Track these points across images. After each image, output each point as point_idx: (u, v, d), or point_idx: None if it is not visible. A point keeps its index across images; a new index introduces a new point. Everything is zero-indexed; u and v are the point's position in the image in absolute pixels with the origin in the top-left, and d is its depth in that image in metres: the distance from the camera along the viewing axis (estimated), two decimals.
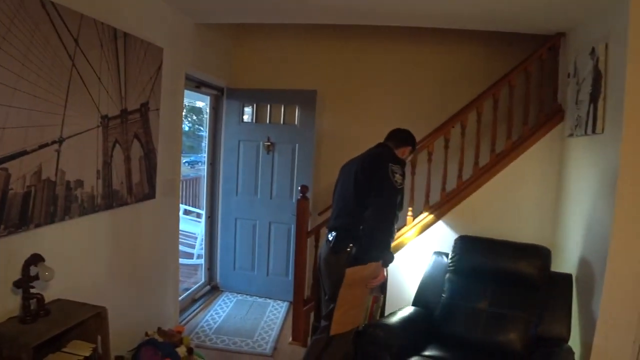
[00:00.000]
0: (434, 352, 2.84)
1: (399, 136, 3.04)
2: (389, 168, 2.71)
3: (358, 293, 2.75)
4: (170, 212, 3.67)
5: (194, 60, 3.92)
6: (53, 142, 2.24)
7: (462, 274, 3.24)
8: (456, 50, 4.47)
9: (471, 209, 3.64)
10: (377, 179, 2.71)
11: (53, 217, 2.29)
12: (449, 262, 3.34)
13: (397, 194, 2.69)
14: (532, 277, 3.04)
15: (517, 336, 2.86)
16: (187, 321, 4.11)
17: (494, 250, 3.23)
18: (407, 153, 3.04)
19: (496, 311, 2.98)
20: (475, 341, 2.92)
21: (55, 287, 2.30)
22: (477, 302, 3.07)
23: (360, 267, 2.69)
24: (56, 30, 2.19)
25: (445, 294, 3.21)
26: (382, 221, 2.68)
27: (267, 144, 4.68)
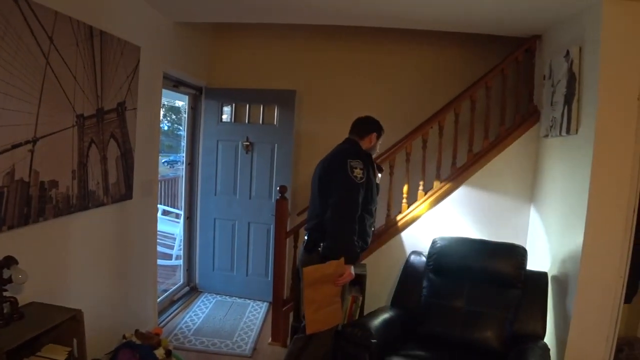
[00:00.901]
0: (413, 351, 2.87)
1: (360, 126, 3.02)
2: (348, 164, 2.70)
3: (327, 291, 2.71)
4: (147, 212, 3.63)
5: (172, 59, 3.88)
6: (26, 142, 2.20)
7: (440, 273, 3.28)
8: (435, 51, 4.52)
9: (449, 209, 3.69)
10: (337, 177, 2.72)
11: (27, 219, 2.24)
12: (427, 261, 3.38)
13: (357, 189, 2.68)
14: (509, 275, 3.09)
15: (494, 334, 2.91)
16: (166, 323, 4.07)
17: (471, 249, 3.28)
18: (374, 140, 3.00)
19: (473, 309, 3.03)
20: (453, 339, 2.96)
21: (29, 290, 2.25)
22: (454, 300, 3.11)
23: (317, 266, 2.68)
24: (30, 27, 2.14)
25: (423, 293, 3.25)
26: (341, 219, 2.66)
27: (245, 144, 4.66)
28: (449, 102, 3.96)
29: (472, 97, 3.73)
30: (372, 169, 2.93)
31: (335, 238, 2.68)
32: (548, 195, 3.36)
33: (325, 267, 2.66)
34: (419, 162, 3.83)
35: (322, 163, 2.91)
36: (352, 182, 2.66)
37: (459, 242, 3.37)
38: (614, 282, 2.75)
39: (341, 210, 2.67)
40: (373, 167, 2.97)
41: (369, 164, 2.88)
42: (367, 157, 2.91)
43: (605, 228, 2.73)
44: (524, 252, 3.17)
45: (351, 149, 2.89)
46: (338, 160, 2.78)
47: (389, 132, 4.24)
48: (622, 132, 2.68)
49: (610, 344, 2.79)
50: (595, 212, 2.72)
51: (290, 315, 3.75)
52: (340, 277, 2.70)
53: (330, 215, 2.68)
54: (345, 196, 2.67)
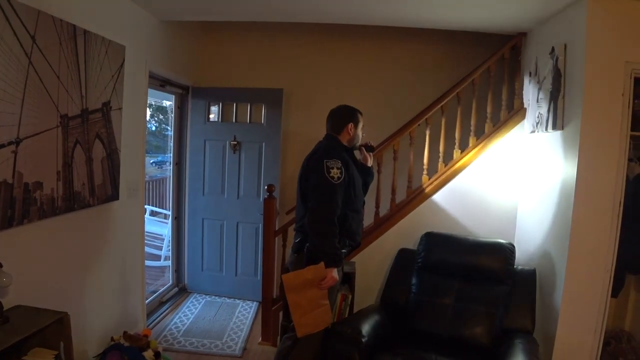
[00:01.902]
0: (403, 348, 2.88)
1: (334, 121, 2.92)
2: (324, 165, 2.61)
3: (311, 295, 2.62)
4: (134, 213, 3.60)
5: (158, 59, 3.85)
6: (9, 143, 2.16)
7: (429, 270, 3.30)
8: (422, 49, 4.54)
9: (436, 205, 3.71)
10: (313, 179, 2.66)
11: (11, 221, 2.21)
12: (416, 258, 3.39)
13: (334, 190, 2.59)
14: (497, 272, 3.11)
15: (483, 330, 2.93)
16: (155, 324, 4.04)
17: (460, 246, 3.30)
18: (352, 130, 2.88)
19: (462, 306, 3.04)
20: (443, 336, 2.98)
21: (14, 293, 2.22)
22: (443, 297, 3.12)
23: (296, 272, 2.63)
24: (11, 26, 2.11)
25: (412, 290, 3.26)
26: (318, 222, 2.59)
27: (233, 143, 4.64)
28: (437, 99, 3.97)
29: (459, 95, 3.76)
30: (355, 164, 2.87)
31: (314, 242, 2.61)
32: (535, 191, 3.39)
33: (305, 273, 2.60)
34: (407, 159, 3.84)
35: (303, 163, 2.85)
36: (328, 184, 2.58)
37: (447, 239, 3.39)
38: (601, 276, 2.78)
39: (318, 213, 2.60)
40: (355, 162, 2.90)
41: (350, 159, 2.81)
42: (348, 152, 2.85)
43: (591, 223, 2.76)
44: (512, 249, 3.20)
45: (328, 147, 2.79)
46: (314, 161, 2.70)
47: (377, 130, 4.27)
48: (607, 128, 2.71)
49: (597, 337, 2.82)
50: (582, 207, 2.75)
51: (280, 315, 3.74)
52: (322, 280, 2.61)
53: (309, 219, 2.62)
54: (321, 199, 2.60)
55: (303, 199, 2.76)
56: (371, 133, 4.32)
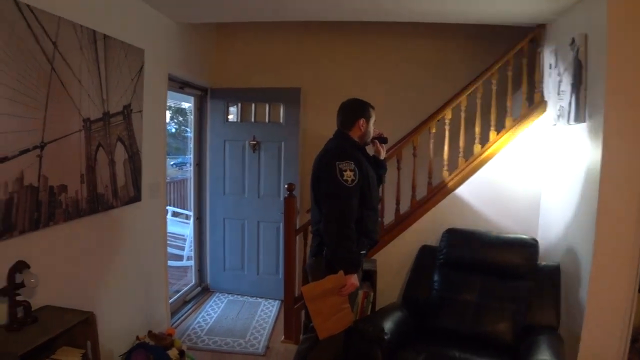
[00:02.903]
0: (425, 345, 2.86)
1: (344, 117, 2.78)
2: (336, 168, 2.50)
3: (332, 302, 2.56)
4: (156, 214, 3.64)
5: (176, 61, 3.89)
6: (34, 148, 2.21)
7: (451, 266, 3.27)
8: (441, 44, 4.50)
9: (458, 201, 3.67)
10: (326, 183, 2.55)
11: (37, 224, 2.26)
12: (438, 255, 3.36)
13: (349, 193, 2.49)
14: (520, 268, 3.07)
15: (506, 326, 2.89)
16: (179, 323, 4.09)
17: (482, 242, 3.27)
18: (364, 126, 2.75)
19: (485, 303, 3.01)
20: (465, 333, 2.95)
21: (42, 294, 2.27)
22: (466, 294, 3.10)
23: (316, 283, 2.56)
24: (34, 33, 2.16)
25: (434, 287, 3.23)
26: (335, 231, 2.49)
27: (252, 143, 4.67)
28: (456, 94, 3.93)
29: (478, 89, 3.71)
30: (368, 160, 2.78)
31: (331, 250, 2.53)
32: (558, 186, 3.33)
33: (325, 283, 2.53)
34: (427, 155, 3.81)
35: (314, 163, 2.75)
36: (342, 188, 2.48)
37: (469, 235, 3.36)
38: (628, 271, 2.71)
39: (334, 220, 2.50)
40: (368, 158, 2.81)
41: (363, 156, 2.72)
42: (360, 150, 2.75)
43: (617, 217, 2.68)
44: (535, 244, 3.15)
45: (339, 147, 2.67)
46: (325, 164, 2.59)
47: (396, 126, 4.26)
48: (631, 119, 2.64)
49: (625, 334, 2.75)
50: (607, 201, 2.68)
51: (302, 313, 3.75)
52: (343, 288, 2.53)
53: (324, 226, 2.53)
54: (336, 204, 2.51)
55: (317, 201, 2.68)
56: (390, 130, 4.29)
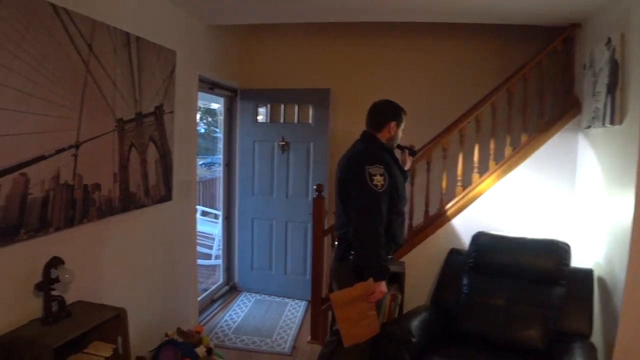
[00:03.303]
0: (453, 349, 2.82)
1: (375, 117, 2.70)
2: (365, 172, 2.42)
3: (360, 308, 2.49)
4: (187, 213, 3.70)
5: (207, 62, 3.95)
6: (70, 147, 2.28)
7: (480, 270, 3.21)
8: (471, 44, 4.43)
9: (488, 204, 3.61)
10: (355, 188, 2.47)
11: (72, 221, 2.33)
12: (467, 258, 3.31)
13: (379, 199, 2.42)
14: (552, 272, 3.00)
15: (537, 332, 2.81)
16: (207, 321, 4.15)
17: (512, 246, 3.20)
18: (393, 129, 2.67)
19: (515, 308, 2.94)
20: (495, 338, 2.89)
21: (75, 289, 2.34)
22: (495, 298, 3.03)
23: (344, 291, 2.48)
24: (70, 36, 2.22)
25: (463, 291, 3.18)
26: (363, 236, 2.42)
27: (281, 144, 4.70)
28: (486, 95, 3.87)
29: (510, 90, 3.64)
30: (397, 164, 2.70)
31: (359, 257, 2.47)
32: (592, 189, 3.24)
33: (353, 290, 2.47)
34: (457, 157, 3.76)
35: (341, 165, 2.67)
36: (372, 193, 2.40)
37: (499, 238, 3.30)
38: None
39: (363, 226, 2.43)
40: (397, 163, 2.72)
41: (392, 160, 2.64)
42: (389, 153, 2.66)
43: None
44: (567, 248, 3.07)
45: (368, 150, 2.59)
46: (354, 168, 2.50)
47: (425, 127, 4.21)
48: None
49: None
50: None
51: (330, 314, 3.75)
52: (371, 295, 2.46)
53: (353, 233, 2.46)
54: (365, 210, 2.43)
55: (344, 204, 2.61)
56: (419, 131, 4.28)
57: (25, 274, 2.05)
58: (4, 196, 1.90)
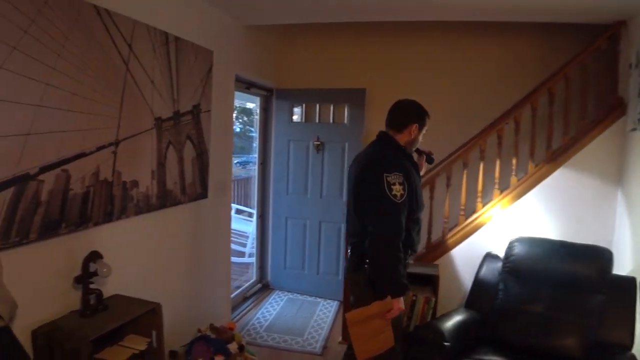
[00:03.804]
0: (487, 356, 2.75)
1: (397, 116, 2.50)
2: (384, 180, 2.22)
3: (375, 325, 2.33)
4: (222, 211, 3.75)
5: (243, 62, 3.99)
6: (110, 144, 2.34)
7: (517, 276, 3.13)
8: (509, 43, 4.31)
9: (526, 209, 3.51)
10: (372, 198, 2.28)
11: (110, 216, 2.39)
12: (504, 263, 3.23)
13: (398, 210, 2.23)
14: (592, 279, 2.89)
15: (575, 341, 2.72)
16: (239, 318, 4.19)
17: (551, 251, 3.10)
18: (415, 132, 2.46)
19: (553, 315, 2.85)
20: (531, 346, 2.80)
21: (112, 283, 2.40)
22: (532, 305, 2.94)
23: (360, 310, 2.32)
24: (111, 36, 2.28)
25: (499, 297, 3.11)
26: (382, 250, 2.24)
27: (316, 143, 4.70)
28: (525, 96, 3.77)
29: (551, 90, 3.52)
30: (416, 169, 2.50)
31: (377, 273, 2.30)
32: (636, 193, 3.10)
33: (370, 309, 2.31)
34: (494, 159, 3.68)
35: (356, 170, 2.46)
36: (391, 204, 2.21)
37: (537, 243, 3.20)
38: None
39: (382, 240, 2.24)
40: (416, 167, 2.53)
41: (410, 164, 2.44)
42: (407, 157, 2.47)
43: None
44: (609, 255, 2.95)
45: (387, 156, 2.38)
46: (372, 174, 2.30)
47: (461, 127, 4.14)
48: None
49: None
50: None
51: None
52: (388, 312, 2.29)
53: (371, 247, 2.27)
54: (384, 223, 2.24)
55: (357, 213, 2.41)
56: (455, 131, 4.22)
57: (65, 267, 2.12)
58: (47, 192, 1.97)
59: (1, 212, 1.76)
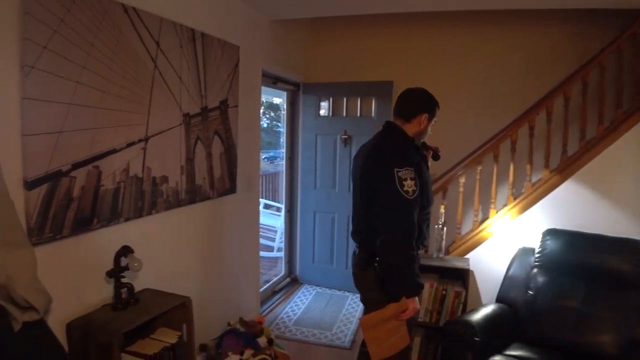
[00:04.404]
0: (519, 351, 2.70)
1: (407, 105, 2.34)
2: (395, 175, 2.08)
3: (390, 327, 2.25)
4: (250, 206, 3.77)
5: (270, 57, 3.99)
6: (139, 141, 2.37)
7: (550, 270, 3.05)
8: (541, 31, 4.17)
9: (560, 201, 3.41)
10: (381, 193, 2.15)
11: (141, 212, 2.43)
12: (536, 257, 3.16)
13: (411, 206, 2.11)
14: (630, 274, 2.79)
15: (611, 338, 2.63)
16: (268, 312, 4.22)
17: (586, 244, 3.01)
18: (424, 122, 2.32)
19: (588, 311, 2.77)
20: (564, 342, 2.73)
21: (143, 277, 2.44)
22: (566, 300, 2.87)
23: (376, 314, 2.22)
24: (139, 34, 2.31)
25: (531, 291, 3.03)
26: (394, 251, 2.12)
27: (344, 137, 4.68)
28: (558, 85, 3.65)
29: (585, 79, 3.41)
30: (425, 162, 2.39)
31: (392, 275, 2.18)
32: None
33: (384, 312, 2.23)
34: (526, 150, 3.59)
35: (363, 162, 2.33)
36: (403, 201, 2.08)
37: (572, 236, 3.11)
38: None
39: (394, 240, 2.12)
40: (425, 160, 2.42)
41: (420, 159, 2.32)
42: (416, 150, 2.33)
43: None
44: None
45: (396, 149, 2.24)
46: (381, 168, 2.17)
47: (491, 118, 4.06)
48: None
49: None
50: None
51: None
52: (403, 313, 2.19)
53: (382, 245, 2.14)
54: (397, 221, 2.12)
55: (365, 209, 2.32)
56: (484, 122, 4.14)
57: (97, 262, 2.17)
58: (79, 188, 2.01)
59: (35, 208, 1.80)
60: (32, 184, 1.79)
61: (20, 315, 1.60)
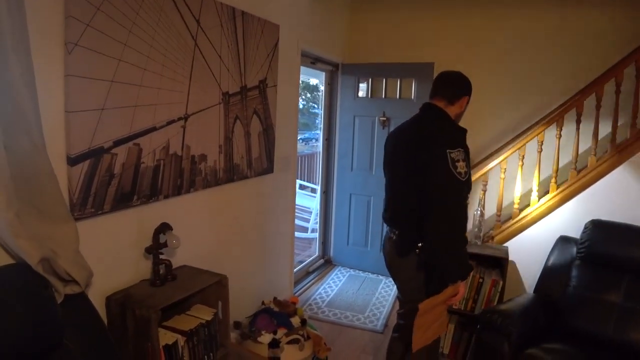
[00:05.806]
0: (556, 345, 2.62)
1: (452, 87, 2.30)
2: (448, 157, 2.03)
3: (436, 312, 2.27)
4: (287, 186, 3.77)
5: (309, 36, 3.93)
6: (179, 119, 2.38)
7: (593, 262, 2.94)
8: (591, 13, 3.93)
9: (606, 190, 3.26)
10: (435, 175, 2.07)
11: (180, 189, 2.45)
12: (578, 248, 3.04)
13: (463, 188, 2.08)
14: None
15: None
16: (301, 293, 4.24)
17: (632, 236, 2.88)
18: (464, 105, 2.31)
19: (632, 306, 2.66)
20: (605, 338, 2.64)
21: (181, 254, 2.48)
22: (609, 294, 2.76)
23: (432, 299, 2.20)
24: (179, 12, 2.30)
25: (571, 284, 2.93)
26: (451, 235, 2.09)
27: (382, 119, 4.60)
28: (609, 69, 3.47)
29: (638, 63, 3.22)
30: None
31: (447, 259, 2.14)
32: None
33: (441, 296, 2.22)
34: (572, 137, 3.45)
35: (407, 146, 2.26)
36: (456, 182, 2.03)
37: (616, 227, 2.98)
38: None
39: (450, 223, 2.08)
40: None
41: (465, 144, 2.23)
42: (461, 132, 2.26)
43: None
44: None
45: (446, 130, 2.20)
46: (433, 150, 2.09)
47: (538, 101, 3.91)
48: None
49: None
50: None
51: None
52: (453, 297, 2.24)
53: (437, 229, 2.09)
54: (452, 203, 2.07)
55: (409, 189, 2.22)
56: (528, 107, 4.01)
57: (137, 238, 2.21)
58: (120, 165, 2.04)
59: (78, 184, 1.84)
60: (74, 160, 1.82)
61: (62, 288, 1.65)
